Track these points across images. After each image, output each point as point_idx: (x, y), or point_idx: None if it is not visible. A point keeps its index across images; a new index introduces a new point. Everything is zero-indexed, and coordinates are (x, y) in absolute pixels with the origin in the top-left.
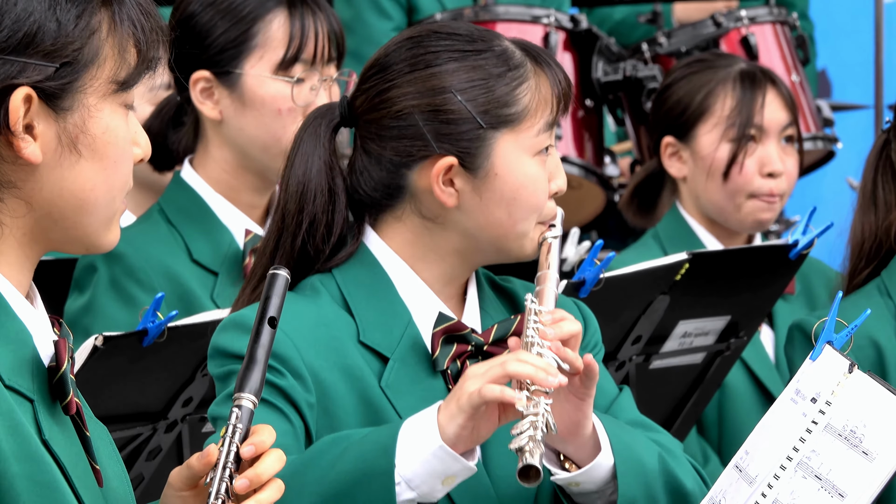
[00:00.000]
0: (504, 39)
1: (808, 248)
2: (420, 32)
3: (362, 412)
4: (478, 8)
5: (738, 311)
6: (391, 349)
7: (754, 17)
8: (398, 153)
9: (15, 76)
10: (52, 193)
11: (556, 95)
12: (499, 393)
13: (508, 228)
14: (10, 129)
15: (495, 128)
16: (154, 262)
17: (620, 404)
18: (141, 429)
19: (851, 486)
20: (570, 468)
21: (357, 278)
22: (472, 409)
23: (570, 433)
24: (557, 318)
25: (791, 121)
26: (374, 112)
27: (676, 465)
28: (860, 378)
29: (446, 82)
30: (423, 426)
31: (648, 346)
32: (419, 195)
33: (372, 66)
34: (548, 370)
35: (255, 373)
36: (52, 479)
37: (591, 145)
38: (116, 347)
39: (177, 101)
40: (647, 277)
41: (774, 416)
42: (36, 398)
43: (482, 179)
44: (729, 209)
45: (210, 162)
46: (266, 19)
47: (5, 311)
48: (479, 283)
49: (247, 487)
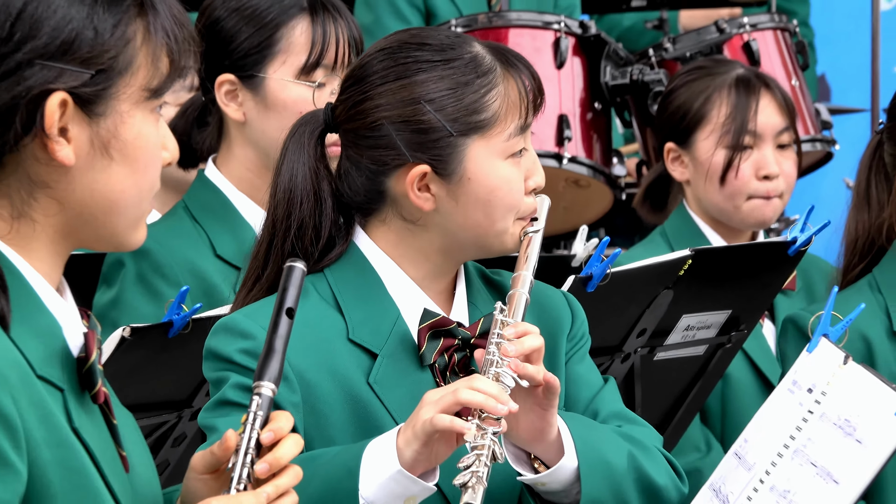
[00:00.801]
0: (476, 44)
1: (806, 245)
2: (392, 44)
3: (350, 409)
4: (491, 14)
5: (738, 305)
6: (380, 346)
7: (756, 24)
8: (374, 161)
9: (52, 81)
10: (83, 194)
11: (526, 99)
12: (448, 423)
13: (487, 228)
14: (46, 132)
15: (466, 135)
16: (179, 257)
17: (603, 396)
18: (167, 416)
19: (846, 472)
20: (540, 468)
21: (347, 277)
22: (426, 437)
23: (534, 439)
24: (521, 332)
25: (787, 125)
26: (351, 122)
27: (647, 462)
28: (855, 369)
29: (416, 93)
30: (384, 450)
31: (653, 339)
32: (399, 200)
33: (349, 77)
34: (498, 397)
35: (273, 362)
36: (81, 465)
37: (599, 146)
38: (143, 339)
39: (201, 102)
40: (652, 273)
41: (772, 405)
42: (66, 388)
43: (456, 184)
44: (729, 210)
45: (233, 161)
46: (289, 25)
47: (36, 304)
48: (469, 277)
49: (267, 472)
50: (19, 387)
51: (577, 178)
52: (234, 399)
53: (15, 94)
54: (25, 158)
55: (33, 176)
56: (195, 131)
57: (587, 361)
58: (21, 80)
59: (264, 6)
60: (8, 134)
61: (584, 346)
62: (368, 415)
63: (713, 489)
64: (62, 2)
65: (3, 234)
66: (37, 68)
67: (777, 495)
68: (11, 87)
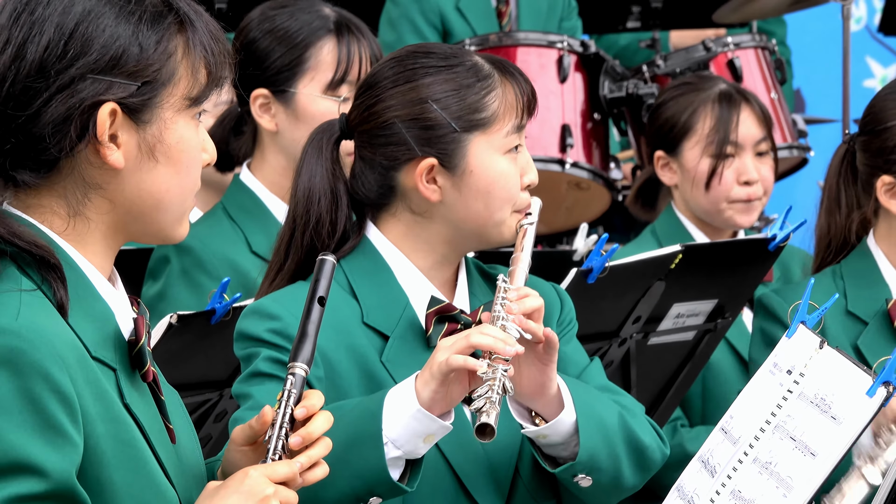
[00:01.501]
0: (475, 55)
1: (784, 242)
2: (401, 53)
3: (365, 384)
4: (501, 34)
5: (724, 295)
6: (391, 328)
7: (739, 43)
8: (387, 157)
9: (103, 93)
10: (132, 194)
11: (521, 102)
12: (462, 361)
13: (486, 218)
14: (98, 139)
15: (468, 131)
16: (218, 254)
17: (590, 372)
18: (209, 395)
19: (822, 446)
20: (540, 423)
21: (361, 267)
22: (442, 377)
23: (536, 393)
24: (522, 295)
25: (765, 135)
26: (365, 124)
27: (635, 423)
28: (830, 353)
29: (423, 94)
30: (404, 393)
31: (647, 325)
32: (408, 193)
33: (363, 85)
34: (506, 341)
35: (306, 345)
36: (132, 438)
37: (598, 152)
38: (188, 325)
39: (237, 113)
40: (647, 266)
41: (755, 385)
42: (118, 368)
43: (460, 176)
44: (713, 213)
45: (266, 166)
46: (317, 45)
47: (91, 293)
48: (469, 270)
49: (300, 444)
50: (76, 367)
51: (579, 181)
52: (266, 370)
53: (70, 106)
54: (80, 163)
55: (87, 178)
56: (231, 139)
57: (574, 343)
58: (75, 92)
59: (295, 28)
60: (64, 141)
61: (572, 331)
62: (381, 390)
63: (702, 461)
64: (110, 21)
65: (60, 231)
66: (89, 82)
67: (760, 466)
68: (66, 99)
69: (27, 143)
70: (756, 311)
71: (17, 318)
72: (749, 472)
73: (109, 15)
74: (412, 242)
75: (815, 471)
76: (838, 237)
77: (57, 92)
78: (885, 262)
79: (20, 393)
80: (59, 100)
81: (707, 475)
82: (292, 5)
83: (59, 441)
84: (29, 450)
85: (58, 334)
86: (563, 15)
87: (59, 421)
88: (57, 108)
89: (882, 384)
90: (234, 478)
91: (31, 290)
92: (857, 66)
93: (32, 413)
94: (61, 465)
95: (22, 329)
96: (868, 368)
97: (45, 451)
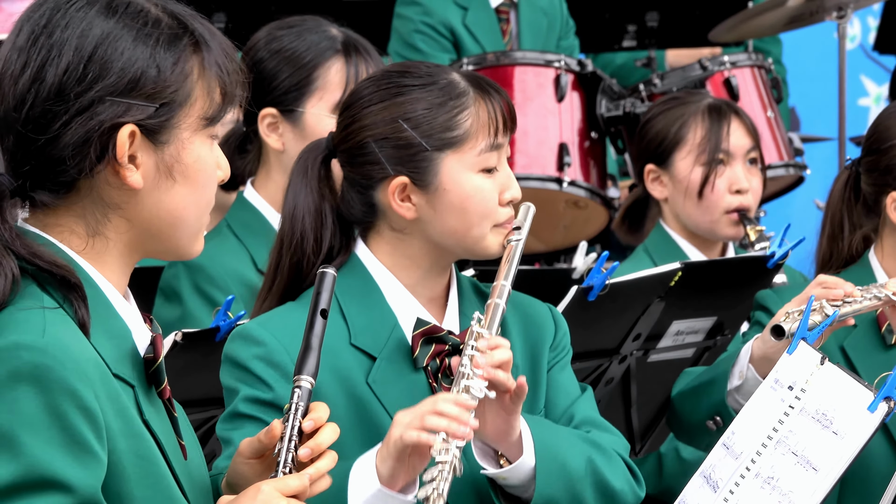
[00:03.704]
0: (453, 73)
1: (783, 259)
2: (379, 73)
3: (352, 408)
4: (499, 53)
5: (723, 312)
6: (378, 349)
7: (735, 62)
8: (363, 176)
9: (122, 115)
10: (150, 213)
11: (495, 120)
12: (415, 437)
13: (464, 233)
14: (118, 161)
15: (440, 149)
16: (230, 270)
17: (580, 404)
18: (214, 412)
19: (823, 461)
20: (504, 464)
21: (349, 286)
22: (398, 453)
23: (499, 439)
24: (493, 345)
25: (754, 145)
26: (344, 143)
27: (606, 466)
28: (830, 369)
29: (396, 113)
30: (366, 470)
31: (647, 343)
32: (387, 211)
33: (343, 105)
34: (460, 419)
35: (311, 358)
36: (151, 454)
37: (595, 171)
38: (193, 342)
39: (242, 132)
40: (646, 284)
41: (756, 401)
42: (136, 384)
43: (433, 194)
44: (705, 224)
45: (271, 185)
46: (325, 66)
47: (109, 311)
48: (462, 287)
49: (309, 455)
50: (99, 384)
51: (577, 199)
52: (245, 412)
53: (89, 129)
54: (98, 183)
55: (106, 198)
56: (237, 157)
57: (567, 371)
58: (94, 115)
59: (303, 48)
60: (83, 163)
61: (566, 357)
62: (367, 412)
63: (704, 476)
64: (128, 44)
65: (79, 250)
66: (107, 104)
67: (762, 481)
68: (86, 121)
69: (46, 165)
70: (753, 308)
71: (43, 335)
72: (751, 487)
73: (127, 37)
74: (396, 259)
75: (817, 485)
76: (840, 259)
77: (76, 115)
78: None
79: (47, 409)
80: (78, 122)
81: (709, 490)
82: (299, 25)
83: (84, 457)
84: (56, 465)
85: (82, 351)
86: (560, 34)
87: (84, 437)
88: (76, 130)
89: (883, 399)
90: (247, 494)
91: (53, 307)
92: (852, 84)
93: (59, 429)
94: (87, 481)
95: (48, 346)
96: (869, 384)
97: (71, 466)
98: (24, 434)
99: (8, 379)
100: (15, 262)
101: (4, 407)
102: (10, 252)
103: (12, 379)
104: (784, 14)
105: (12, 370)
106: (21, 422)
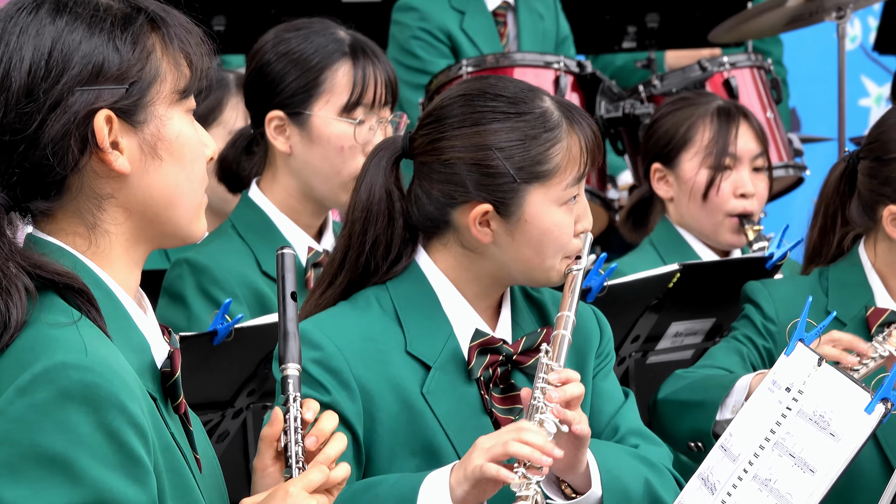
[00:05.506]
0: (546, 98)
1: (781, 260)
2: (472, 91)
3: (405, 416)
4: (499, 55)
5: (722, 314)
6: (433, 358)
7: (735, 63)
8: (444, 194)
9: (94, 102)
10: (144, 196)
11: (585, 154)
12: (494, 473)
13: (537, 264)
14: (100, 148)
15: (528, 182)
16: (234, 271)
17: (624, 413)
18: (212, 415)
19: (821, 462)
20: (566, 490)
21: (408, 293)
22: (475, 480)
23: (568, 470)
24: (563, 379)
25: (761, 151)
26: (427, 156)
27: (660, 485)
28: (828, 371)
29: (489, 140)
30: (438, 486)
31: (646, 344)
32: (461, 230)
33: (429, 115)
34: (543, 449)
35: (292, 344)
36: (180, 466)
37: (595, 173)
38: (191, 346)
39: (249, 134)
40: (645, 285)
41: (754, 403)
42: (157, 397)
43: (514, 224)
44: (708, 226)
45: (277, 187)
46: (333, 68)
47: (128, 323)
48: (514, 296)
49: (316, 444)
50: (141, 397)
51: None
52: None
53: (65, 122)
54: (87, 177)
55: (97, 190)
56: (243, 159)
57: (611, 377)
58: (67, 108)
59: (310, 51)
60: (67, 157)
61: (610, 363)
62: (420, 422)
63: (701, 478)
64: (84, 34)
65: (83, 250)
66: (77, 94)
67: (759, 483)
68: (60, 115)
69: (32, 170)
70: (741, 300)
71: (86, 354)
72: (749, 489)
73: (80, 28)
74: (460, 273)
75: (815, 487)
76: (829, 253)
77: (49, 111)
78: (873, 271)
79: (101, 428)
80: (53, 118)
81: (707, 492)
82: (306, 28)
83: (140, 473)
84: (112, 485)
85: (122, 366)
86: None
87: (138, 453)
88: (53, 126)
89: (880, 401)
90: (276, 496)
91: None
92: (853, 84)
93: (113, 447)
94: (144, 499)
95: (94, 363)
96: (866, 385)
97: (128, 485)
98: (81, 457)
99: (58, 399)
100: (25, 276)
101: (58, 429)
102: (19, 268)
103: (63, 399)
104: (784, 14)
105: (62, 390)
106: (77, 443)
